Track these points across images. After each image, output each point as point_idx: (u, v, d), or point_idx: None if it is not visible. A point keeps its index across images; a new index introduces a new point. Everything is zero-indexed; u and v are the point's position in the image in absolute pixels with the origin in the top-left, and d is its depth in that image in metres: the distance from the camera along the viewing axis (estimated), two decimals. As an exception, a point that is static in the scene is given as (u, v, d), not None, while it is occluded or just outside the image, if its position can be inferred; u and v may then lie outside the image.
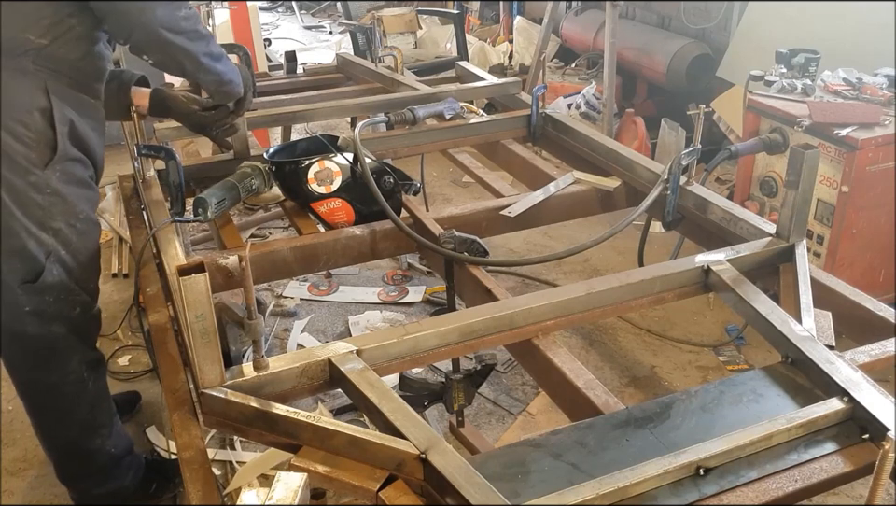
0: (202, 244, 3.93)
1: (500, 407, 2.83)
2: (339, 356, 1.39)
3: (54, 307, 1.99)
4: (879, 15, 3.67)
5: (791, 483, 1.15)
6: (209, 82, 2.04)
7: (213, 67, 1.98)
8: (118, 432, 2.32)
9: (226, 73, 2.04)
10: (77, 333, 2.09)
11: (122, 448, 2.33)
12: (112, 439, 2.28)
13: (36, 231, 1.88)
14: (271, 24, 9.47)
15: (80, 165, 1.96)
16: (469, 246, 1.84)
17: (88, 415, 2.20)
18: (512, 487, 1.14)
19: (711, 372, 3.01)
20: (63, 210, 1.91)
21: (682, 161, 1.98)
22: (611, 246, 3.76)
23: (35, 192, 1.85)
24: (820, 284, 1.68)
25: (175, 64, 1.94)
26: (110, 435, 2.27)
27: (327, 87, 3.38)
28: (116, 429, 2.31)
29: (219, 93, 2.09)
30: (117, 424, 2.33)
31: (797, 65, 3.35)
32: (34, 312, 1.96)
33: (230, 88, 2.09)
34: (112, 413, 2.31)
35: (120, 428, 2.36)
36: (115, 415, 2.33)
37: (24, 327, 1.98)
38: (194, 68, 1.95)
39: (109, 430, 2.27)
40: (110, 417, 2.28)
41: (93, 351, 2.21)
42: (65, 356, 2.09)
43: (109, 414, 2.27)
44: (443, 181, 4.83)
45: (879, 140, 2.86)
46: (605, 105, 4.50)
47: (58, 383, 2.11)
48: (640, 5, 5.42)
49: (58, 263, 1.95)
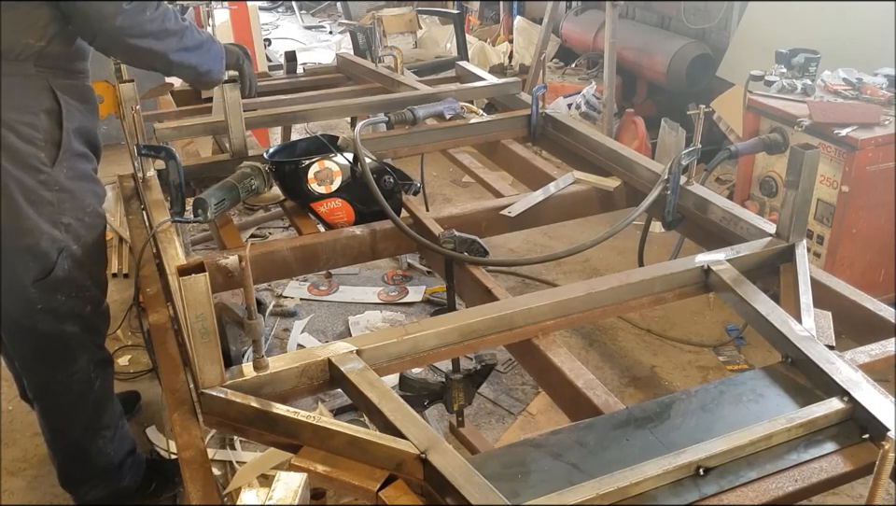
0: (202, 244, 3.93)
1: (500, 407, 2.83)
2: (339, 356, 1.39)
3: (67, 305, 2.01)
4: (879, 15, 3.67)
5: (791, 483, 1.15)
6: (185, 76, 2.06)
7: (186, 62, 1.98)
8: (122, 435, 2.32)
9: (202, 64, 2.04)
10: (88, 331, 2.11)
11: (124, 451, 2.33)
12: (115, 442, 2.28)
13: (48, 228, 1.90)
14: (271, 24, 9.48)
15: (84, 160, 1.98)
16: (469, 246, 1.84)
17: (92, 416, 2.20)
18: (512, 487, 1.14)
19: (711, 372, 3.01)
20: (72, 205, 1.94)
21: (682, 161, 1.98)
22: (611, 246, 3.76)
23: (46, 190, 1.88)
24: (820, 284, 1.68)
25: (144, 65, 1.96)
26: (113, 438, 2.27)
27: (327, 87, 3.38)
28: (120, 432, 2.31)
29: (199, 84, 2.12)
30: (122, 426, 2.33)
31: (797, 65, 3.35)
32: (46, 309, 1.98)
33: (208, 78, 2.10)
34: (117, 414, 2.31)
35: (126, 430, 2.36)
36: (121, 417, 2.33)
37: (36, 324, 1.99)
38: (165, 67, 1.97)
39: (113, 432, 2.27)
40: (114, 419, 2.28)
41: (101, 350, 2.22)
42: (75, 354, 2.09)
43: (113, 416, 2.27)
44: (443, 181, 4.83)
45: (879, 140, 2.86)
46: (605, 105, 4.50)
47: (66, 381, 2.11)
48: (640, 5, 5.42)
49: (69, 259, 1.97)
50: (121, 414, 2.36)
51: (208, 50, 2.05)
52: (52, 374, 2.10)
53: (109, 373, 2.26)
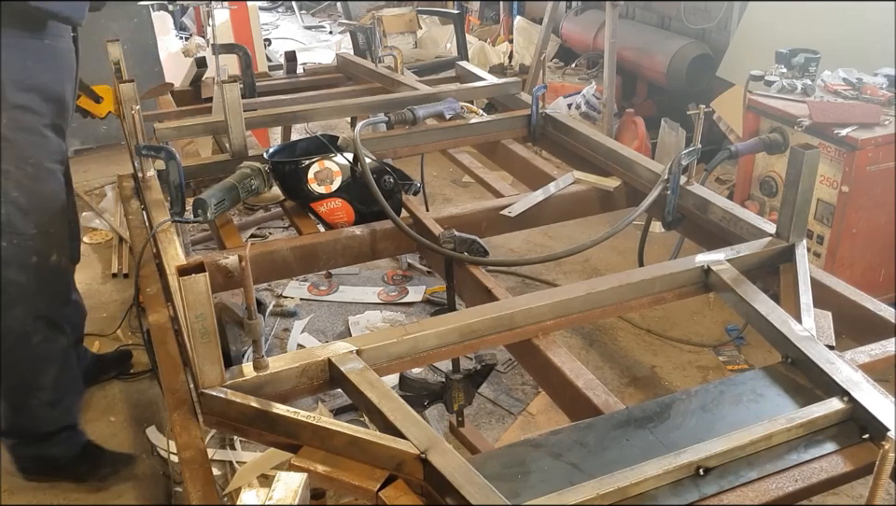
0: (202, 244, 3.93)
1: (500, 407, 2.83)
2: (339, 356, 1.39)
3: (8, 250, 2.07)
4: (879, 15, 3.67)
5: (790, 483, 1.15)
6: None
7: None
8: (64, 407, 2.31)
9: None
10: (34, 283, 2.13)
11: (62, 424, 2.33)
12: (53, 409, 2.27)
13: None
14: (271, 24, 9.48)
15: (30, 114, 2.04)
16: (469, 246, 1.84)
17: (27, 372, 2.21)
18: (512, 487, 1.14)
19: (711, 372, 3.01)
20: (10, 154, 2.02)
21: (682, 161, 1.98)
22: (611, 246, 3.76)
23: None
24: (820, 284, 1.68)
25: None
26: (52, 404, 2.26)
27: (327, 87, 3.38)
28: (63, 403, 2.30)
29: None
30: (68, 396, 2.32)
31: (797, 65, 3.35)
32: None
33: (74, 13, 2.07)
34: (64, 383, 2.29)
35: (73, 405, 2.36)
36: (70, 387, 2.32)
37: None
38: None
39: (52, 398, 2.26)
40: (56, 384, 2.26)
41: (52, 310, 2.22)
42: (12, 302, 2.12)
43: (55, 382, 2.26)
44: (443, 181, 4.83)
45: (879, 140, 2.86)
46: (605, 105, 4.50)
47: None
48: (640, 5, 5.42)
49: (10, 204, 2.04)
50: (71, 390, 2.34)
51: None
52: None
53: (58, 339, 2.25)
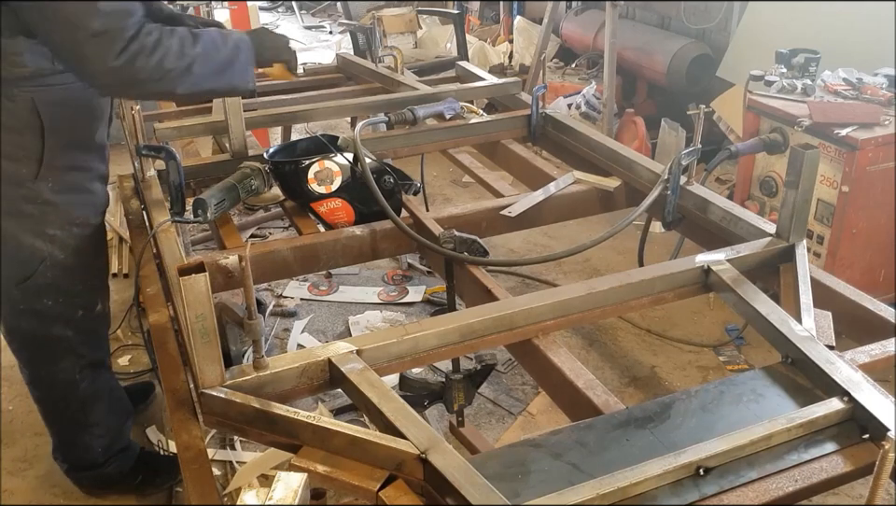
0: (202, 244, 3.93)
1: (500, 407, 2.83)
2: (339, 356, 1.39)
3: (54, 309, 2.08)
4: (879, 15, 3.67)
5: (791, 483, 1.15)
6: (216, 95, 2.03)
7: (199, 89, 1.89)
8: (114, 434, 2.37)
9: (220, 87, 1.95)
10: (79, 334, 2.17)
11: (115, 448, 2.38)
12: (105, 439, 2.34)
13: (29, 239, 1.97)
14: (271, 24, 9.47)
15: (75, 171, 2.00)
16: (469, 246, 1.84)
17: (78, 413, 2.27)
18: (512, 487, 1.14)
19: (711, 372, 3.01)
20: (56, 217, 1.99)
21: (682, 161, 1.97)
22: (611, 246, 3.76)
23: (27, 203, 1.94)
24: (820, 284, 1.68)
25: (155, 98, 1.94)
26: (103, 435, 2.33)
27: (327, 87, 3.38)
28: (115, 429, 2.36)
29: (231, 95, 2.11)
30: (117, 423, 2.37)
31: (797, 65, 3.34)
32: (29, 311, 2.08)
33: (232, 94, 2.11)
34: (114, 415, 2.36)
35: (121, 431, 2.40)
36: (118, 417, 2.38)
37: (20, 323, 2.11)
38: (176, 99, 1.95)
39: (103, 431, 2.33)
40: (105, 418, 2.32)
41: (96, 352, 2.26)
42: (58, 356, 2.16)
43: (104, 416, 2.32)
44: (443, 181, 4.82)
45: (879, 140, 2.86)
46: (605, 105, 4.50)
47: (49, 379, 2.21)
48: (640, 5, 5.42)
49: (56, 267, 2.02)
50: (119, 415, 2.39)
51: (229, 67, 1.92)
52: (36, 371, 2.20)
53: (101, 375, 2.30)
